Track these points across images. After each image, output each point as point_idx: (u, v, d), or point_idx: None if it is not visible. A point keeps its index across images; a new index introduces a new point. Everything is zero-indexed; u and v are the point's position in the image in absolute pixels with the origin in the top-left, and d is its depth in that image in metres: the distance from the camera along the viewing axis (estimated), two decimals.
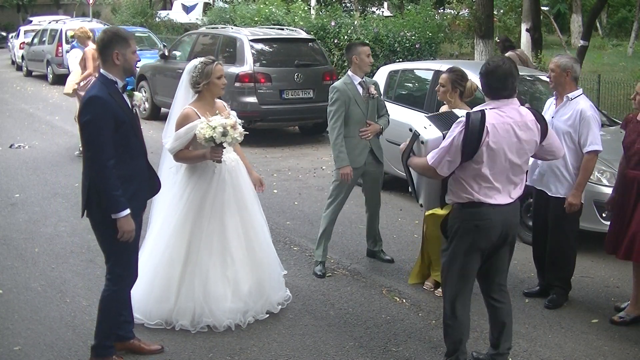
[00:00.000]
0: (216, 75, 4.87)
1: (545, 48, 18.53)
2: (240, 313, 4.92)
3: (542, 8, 20.89)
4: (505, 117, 3.93)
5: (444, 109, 5.52)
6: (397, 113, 8.34)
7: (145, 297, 4.86)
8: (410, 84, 9.14)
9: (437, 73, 8.22)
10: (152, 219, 5.11)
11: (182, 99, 5.03)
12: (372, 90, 6.01)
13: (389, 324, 5.08)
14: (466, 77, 5.51)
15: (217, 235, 4.90)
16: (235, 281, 4.94)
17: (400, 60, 13.86)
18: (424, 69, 9.05)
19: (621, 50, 24.10)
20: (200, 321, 4.84)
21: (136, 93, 4.28)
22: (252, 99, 11.19)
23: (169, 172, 5.10)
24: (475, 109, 4.08)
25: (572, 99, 5.27)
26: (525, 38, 16.89)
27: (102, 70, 4.12)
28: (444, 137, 4.02)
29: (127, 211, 4.01)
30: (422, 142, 4.12)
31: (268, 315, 5.09)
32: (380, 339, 4.84)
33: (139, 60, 4.26)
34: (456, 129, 3.91)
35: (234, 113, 5.03)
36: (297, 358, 4.56)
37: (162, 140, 5.10)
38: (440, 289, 5.27)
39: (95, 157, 3.97)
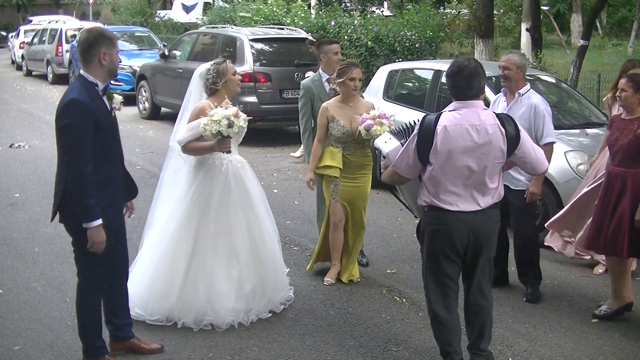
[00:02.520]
0: (231, 72, 4.96)
1: (545, 48, 18.54)
2: (242, 312, 4.94)
3: (542, 8, 20.89)
4: (461, 120, 3.89)
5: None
6: (397, 113, 8.34)
7: (146, 293, 4.88)
8: (410, 84, 9.14)
9: (438, 73, 8.25)
10: (154, 217, 5.11)
11: (196, 101, 5.01)
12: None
13: (389, 323, 5.08)
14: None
15: (223, 235, 4.92)
16: (240, 280, 4.95)
17: (401, 59, 13.86)
18: (424, 68, 9.06)
19: (621, 49, 24.07)
20: (203, 319, 4.85)
21: (116, 95, 4.16)
22: (252, 99, 11.19)
23: (174, 172, 5.10)
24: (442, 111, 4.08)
25: (522, 95, 5.43)
26: (525, 38, 16.90)
27: (82, 72, 3.98)
28: (402, 146, 4.11)
29: (99, 221, 3.89)
30: (384, 157, 4.28)
31: (271, 314, 5.11)
32: (380, 339, 4.84)
33: (120, 62, 4.14)
34: (415, 131, 4.00)
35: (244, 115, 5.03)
36: (297, 358, 4.56)
37: (169, 142, 5.12)
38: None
39: (73, 162, 3.85)
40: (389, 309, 5.33)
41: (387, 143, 4.28)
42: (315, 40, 10.91)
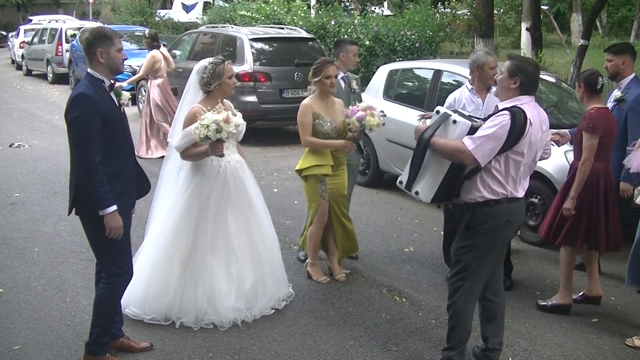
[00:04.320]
0: (227, 75, 4.92)
1: (545, 47, 18.53)
2: (244, 311, 4.96)
3: (542, 7, 20.87)
4: (536, 113, 4.04)
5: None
6: (397, 112, 8.35)
7: (144, 292, 4.90)
8: (410, 83, 9.14)
9: (438, 72, 8.24)
10: (153, 217, 5.13)
11: (191, 101, 5.03)
12: (354, 85, 6.25)
13: (389, 323, 5.08)
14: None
15: (222, 235, 4.93)
16: (239, 279, 4.97)
17: (401, 59, 13.86)
18: (424, 68, 9.05)
19: None
20: (204, 319, 4.86)
21: (124, 92, 4.30)
22: (252, 98, 11.19)
23: (174, 171, 5.11)
24: (505, 104, 4.03)
25: (490, 92, 5.53)
26: (525, 37, 16.91)
27: (89, 69, 4.12)
28: (471, 127, 3.99)
29: (114, 207, 4.01)
30: (454, 122, 4.02)
31: (274, 311, 5.14)
32: (380, 339, 4.84)
33: (126, 59, 4.26)
34: (500, 120, 3.88)
35: (240, 115, 5.03)
36: (297, 357, 4.57)
37: (168, 141, 5.13)
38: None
39: (82, 154, 3.97)
40: (389, 309, 5.33)
41: (456, 113, 4.14)
42: (148, 36, 10.85)
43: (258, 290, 5.07)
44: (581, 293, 5.47)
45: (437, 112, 4.15)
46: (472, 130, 3.98)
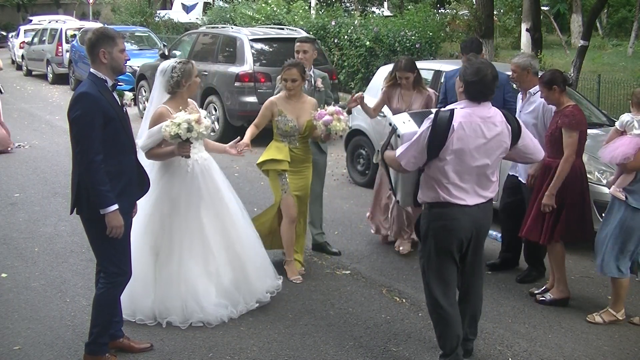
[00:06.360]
0: (195, 74, 4.99)
1: (545, 48, 18.53)
2: (229, 307, 4.98)
3: (542, 8, 20.88)
4: (473, 116, 3.96)
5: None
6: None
7: (129, 294, 4.84)
8: None
9: (438, 73, 8.24)
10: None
11: (158, 101, 5.05)
12: (319, 83, 6.24)
13: (389, 323, 5.09)
14: None
15: (197, 234, 4.96)
16: (218, 276, 5.01)
17: None
18: (424, 68, 9.02)
19: (621, 50, 24.10)
20: (191, 317, 4.87)
21: (126, 92, 4.31)
22: (252, 99, 11.18)
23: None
24: (447, 107, 4.13)
25: (534, 94, 5.65)
26: (525, 38, 16.94)
27: (92, 69, 4.14)
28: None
29: (115, 206, 4.02)
30: (399, 136, 4.22)
31: (258, 304, 5.16)
32: (380, 339, 4.84)
33: (129, 59, 4.29)
34: (425, 126, 3.98)
35: (204, 112, 5.03)
36: (297, 358, 4.57)
37: (136, 140, 5.12)
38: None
39: (84, 152, 3.98)
40: (389, 309, 5.33)
41: (405, 124, 4.24)
42: None
43: (240, 286, 5.10)
44: (544, 287, 5.57)
45: (390, 124, 4.34)
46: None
